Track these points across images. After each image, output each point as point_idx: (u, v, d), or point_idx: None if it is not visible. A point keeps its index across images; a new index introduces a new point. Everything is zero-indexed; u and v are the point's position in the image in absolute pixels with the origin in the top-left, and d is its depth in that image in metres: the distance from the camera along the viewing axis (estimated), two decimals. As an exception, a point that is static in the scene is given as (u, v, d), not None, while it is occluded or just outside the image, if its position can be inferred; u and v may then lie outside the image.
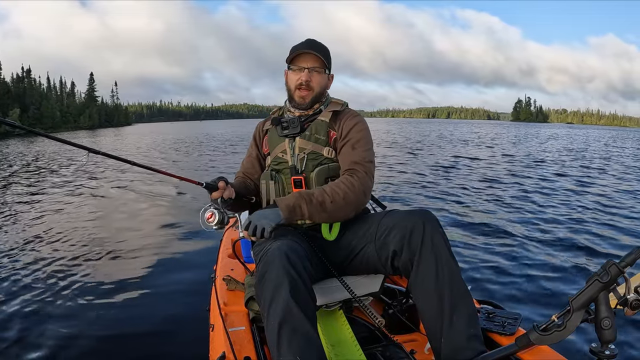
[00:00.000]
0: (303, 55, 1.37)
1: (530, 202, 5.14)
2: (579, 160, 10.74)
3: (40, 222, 4.55)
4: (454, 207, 4.89)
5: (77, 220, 4.68)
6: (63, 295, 2.58)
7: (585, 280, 0.87)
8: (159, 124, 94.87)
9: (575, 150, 14.47)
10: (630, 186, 6.49)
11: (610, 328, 0.85)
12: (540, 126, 72.86)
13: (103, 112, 74.38)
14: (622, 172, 8.35)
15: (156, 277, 2.84)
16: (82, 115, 66.50)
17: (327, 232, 1.31)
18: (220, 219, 1.24)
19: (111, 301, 2.48)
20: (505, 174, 7.76)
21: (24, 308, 2.38)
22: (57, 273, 2.94)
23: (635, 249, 0.85)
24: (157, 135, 28.85)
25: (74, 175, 8.53)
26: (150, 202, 5.55)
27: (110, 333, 2.10)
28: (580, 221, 4.20)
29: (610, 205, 5.02)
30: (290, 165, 1.36)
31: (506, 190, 6.04)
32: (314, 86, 1.37)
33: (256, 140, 1.53)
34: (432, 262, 1.11)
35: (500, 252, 3.21)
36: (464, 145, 15.91)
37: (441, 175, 7.58)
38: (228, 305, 1.42)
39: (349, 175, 1.28)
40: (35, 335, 2.08)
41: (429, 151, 13.13)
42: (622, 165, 9.68)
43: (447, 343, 1.06)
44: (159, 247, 3.54)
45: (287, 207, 1.20)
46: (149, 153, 11.99)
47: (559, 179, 7.15)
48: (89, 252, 3.45)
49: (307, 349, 0.96)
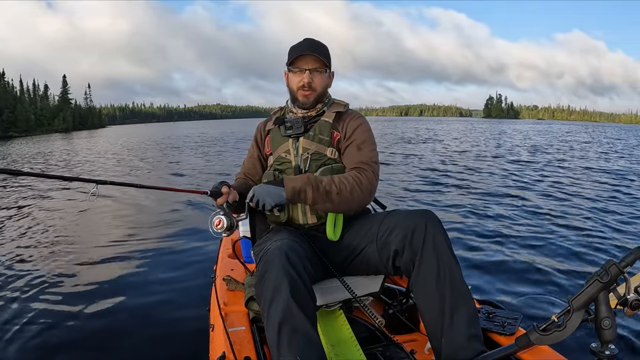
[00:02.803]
0: (303, 57, 1.37)
1: (531, 202, 5.14)
2: (577, 159, 10.74)
3: (37, 223, 4.55)
4: (454, 207, 4.89)
5: (71, 222, 4.68)
6: (63, 295, 2.58)
7: (585, 280, 0.87)
8: (133, 125, 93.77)
9: (579, 148, 14.46)
10: (630, 186, 6.49)
11: (610, 328, 0.85)
12: (513, 122, 73.03)
13: (77, 115, 73.42)
14: (625, 170, 8.35)
15: (156, 277, 2.84)
16: (56, 118, 65.64)
17: (332, 232, 1.30)
18: (229, 225, 1.25)
19: (111, 301, 2.48)
20: (505, 173, 7.76)
21: (26, 307, 2.38)
22: (57, 274, 2.94)
23: (635, 249, 0.85)
24: (134, 138, 27.52)
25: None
26: (150, 202, 5.55)
27: (110, 333, 2.10)
28: (581, 221, 4.20)
29: (610, 204, 5.02)
30: (294, 166, 1.36)
31: (506, 190, 6.03)
32: (316, 87, 1.38)
33: (257, 141, 1.52)
34: (434, 262, 1.11)
35: (500, 252, 3.21)
36: (459, 142, 15.92)
37: (441, 175, 7.58)
38: (228, 305, 1.42)
39: (358, 172, 1.28)
40: (34, 335, 2.08)
41: (424, 150, 13.12)
42: (624, 162, 9.69)
43: (448, 343, 1.07)
44: (159, 248, 3.54)
45: (292, 190, 1.22)
46: (135, 163, 11.15)
47: (560, 179, 7.15)
48: (88, 253, 3.45)
49: (307, 349, 0.96)
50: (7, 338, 2.06)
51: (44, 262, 3.20)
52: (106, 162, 11.25)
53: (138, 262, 3.18)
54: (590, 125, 71.79)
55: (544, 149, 13.83)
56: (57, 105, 71.65)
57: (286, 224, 1.36)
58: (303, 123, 1.38)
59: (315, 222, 1.34)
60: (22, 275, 2.91)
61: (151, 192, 6.30)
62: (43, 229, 4.31)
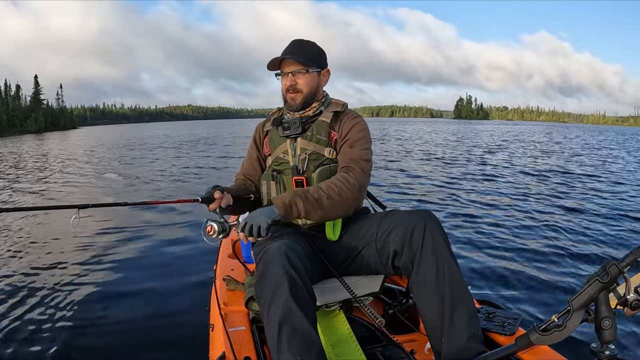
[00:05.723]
0: (284, 61, 1.38)
1: (531, 202, 5.14)
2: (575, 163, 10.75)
3: (26, 231, 4.55)
4: (454, 207, 4.89)
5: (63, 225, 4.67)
6: (62, 296, 2.58)
7: (585, 280, 0.87)
8: (105, 127, 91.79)
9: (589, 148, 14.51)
10: (632, 186, 6.50)
11: (611, 328, 0.85)
12: (484, 123, 72.96)
13: (49, 116, 72.03)
14: (624, 171, 8.36)
15: (156, 278, 2.84)
16: (28, 119, 64.42)
17: (331, 232, 1.31)
18: (220, 230, 1.22)
19: (111, 302, 2.48)
20: (506, 172, 7.76)
21: (22, 312, 2.38)
22: (55, 276, 2.94)
23: (635, 249, 0.85)
24: (107, 140, 24.63)
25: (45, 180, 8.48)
26: (145, 199, 5.54)
27: (111, 333, 2.10)
28: (581, 220, 4.20)
29: (611, 204, 5.02)
30: (292, 166, 1.36)
31: (507, 189, 6.04)
32: (301, 88, 1.37)
33: (256, 141, 1.53)
34: (433, 262, 1.11)
35: (500, 252, 3.21)
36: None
37: (440, 175, 7.58)
38: (228, 306, 1.42)
39: (345, 172, 1.28)
40: (33, 335, 2.08)
41: (418, 149, 13.14)
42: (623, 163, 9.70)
43: (447, 343, 1.07)
44: (159, 248, 3.54)
45: (282, 205, 1.19)
46: (119, 171, 9.35)
47: (561, 179, 7.15)
48: (87, 253, 3.45)
49: (307, 349, 0.96)
50: (11, 339, 2.06)
51: (40, 264, 3.20)
52: (86, 172, 9.33)
53: (138, 263, 3.17)
54: (557, 125, 71.73)
55: (552, 150, 13.86)
56: (29, 106, 70.29)
57: (285, 225, 1.36)
58: (301, 123, 1.38)
59: (313, 223, 1.34)
60: (23, 279, 2.91)
61: (149, 194, 6.30)
62: (36, 231, 4.30)
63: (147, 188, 6.94)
